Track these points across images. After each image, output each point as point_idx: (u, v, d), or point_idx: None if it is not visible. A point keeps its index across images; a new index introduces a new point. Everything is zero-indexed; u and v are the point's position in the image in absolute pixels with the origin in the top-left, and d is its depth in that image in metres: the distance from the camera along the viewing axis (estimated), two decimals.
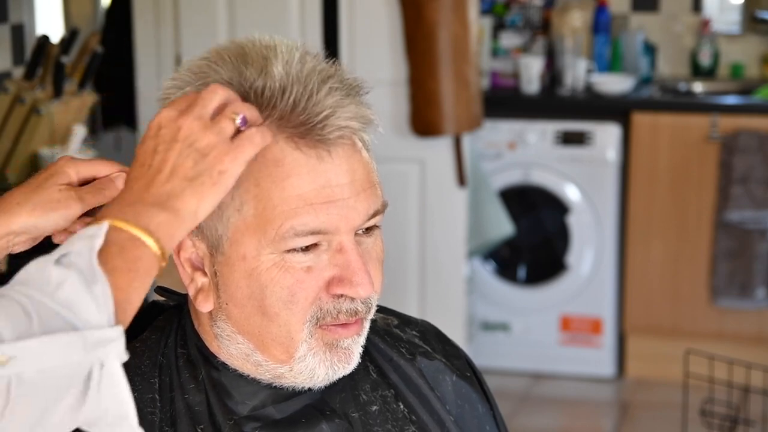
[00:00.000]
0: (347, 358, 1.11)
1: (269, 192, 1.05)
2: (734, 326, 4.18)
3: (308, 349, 1.09)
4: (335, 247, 1.07)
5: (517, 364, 4.38)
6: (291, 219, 1.04)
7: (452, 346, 1.30)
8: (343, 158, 1.07)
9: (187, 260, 1.10)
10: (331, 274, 1.07)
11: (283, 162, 1.04)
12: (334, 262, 1.07)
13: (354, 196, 1.07)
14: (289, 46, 1.09)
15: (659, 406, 4.05)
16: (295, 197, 1.04)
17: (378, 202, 1.10)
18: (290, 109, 1.05)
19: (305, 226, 1.05)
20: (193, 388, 1.12)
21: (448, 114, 3.64)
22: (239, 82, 1.05)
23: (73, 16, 4.42)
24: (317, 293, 1.07)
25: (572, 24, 4.52)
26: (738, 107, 4.17)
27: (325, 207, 1.05)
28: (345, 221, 1.06)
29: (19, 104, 3.04)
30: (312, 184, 1.05)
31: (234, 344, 1.11)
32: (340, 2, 3.73)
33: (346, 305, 1.09)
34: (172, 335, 1.16)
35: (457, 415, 1.24)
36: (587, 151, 4.22)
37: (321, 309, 1.08)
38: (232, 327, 1.10)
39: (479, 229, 4.01)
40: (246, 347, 1.10)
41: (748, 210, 4.03)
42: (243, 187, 1.04)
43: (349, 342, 1.11)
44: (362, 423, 1.16)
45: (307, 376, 1.11)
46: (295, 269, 1.06)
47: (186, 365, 1.13)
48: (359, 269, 1.07)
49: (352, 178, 1.07)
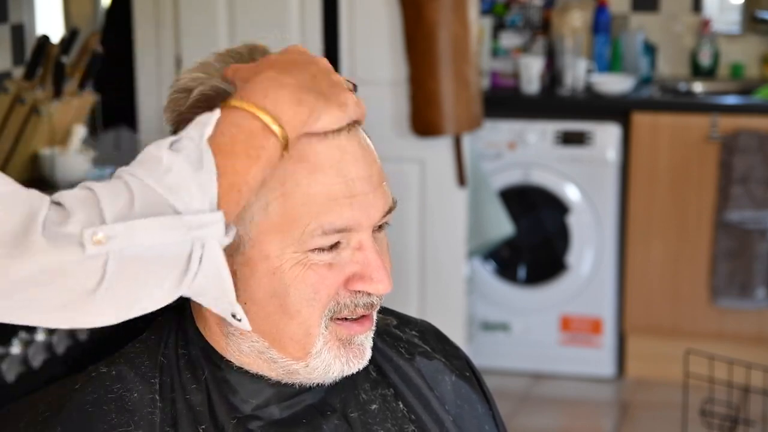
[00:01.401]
0: (361, 353, 1.12)
1: (294, 190, 1.05)
2: (734, 326, 4.18)
3: (324, 343, 1.09)
4: (354, 245, 1.08)
5: (517, 364, 4.38)
6: (318, 217, 1.05)
7: (452, 346, 1.31)
8: (359, 149, 1.08)
9: None
10: (352, 271, 1.08)
11: (307, 157, 1.05)
12: (354, 259, 1.08)
13: (372, 192, 1.08)
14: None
15: (659, 406, 4.05)
16: (320, 194, 1.05)
17: (390, 198, 1.11)
18: None
19: (332, 224, 1.05)
20: (195, 388, 1.12)
21: (448, 114, 3.64)
22: None
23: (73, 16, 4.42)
24: (337, 289, 1.08)
25: (572, 24, 4.52)
26: (738, 107, 4.17)
27: (348, 203, 1.06)
28: (366, 217, 1.07)
29: (19, 104, 3.04)
30: (335, 177, 1.06)
31: (247, 342, 1.10)
32: (340, 2, 3.73)
33: (363, 299, 1.10)
34: (172, 336, 1.16)
35: (456, 415, 1.24)
36: (587, 151, 4.22)
37: (338, 303, 1.09)
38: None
39: (479, 229, 4.01)
40: (261, 345, 1.10)
41: (748, 210, 4.03)
42: (269, 186, 1.05)
43: (362, 338, 1.12)
44: (361, 422, 1.16)
45: (322, 372, 1.11)
46: (318, 266, 1.07)
47: (187, 366, 1.13)
48: (379, 267, 1.08)
49: (369, 173, 1.08)
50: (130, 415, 1.07)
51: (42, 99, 3.04)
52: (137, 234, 0.90)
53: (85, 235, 0.88)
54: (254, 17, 3.72)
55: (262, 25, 3.72)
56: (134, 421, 1.08)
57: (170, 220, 0.91)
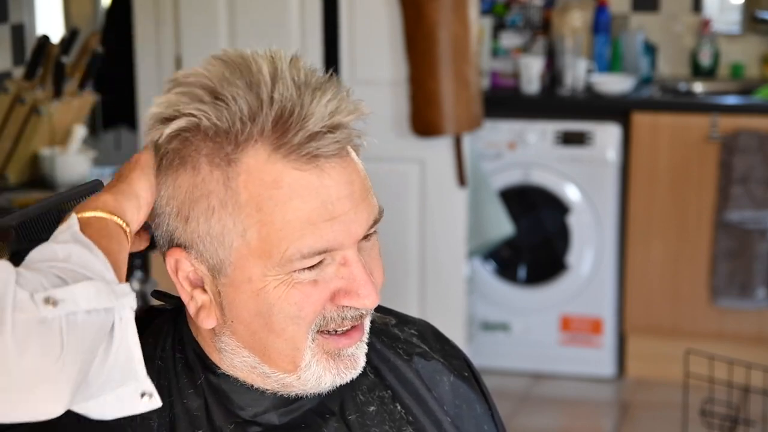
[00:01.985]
0: (353, 364, 1.11)
1: (272, 216, 1.04)
2: (734, 326, 4.18)
3: (312, 356, 1.09)
4: (339, 260, 1.07)
5: (517, 364, 4.38)
6: (296, 242, 1.04)
7: (451, 346, 1.30)
8: (340, 170, 1.06)
9: (185, 278, 1.10)
10: (337, 286, 1.07)
11: (282, 183, 1.04)
12: (339, 275, 1.07)
13: (354, 208, 1.06)
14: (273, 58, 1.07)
15: (659, 406, 4.05)
16: (297, 219, 1.04)
17: (375, 209, 1.09)
18: (282, 127, 1.04)
19: (311, 248, 1.04)
20: (192, 393, 1.12)
21: (448, 114, 3.64)
22: (227, 107, 1.04)
23: (73, 16, 4.42)
24: (323, 305, 1.07)
25: (572, 24, 4.52)
26: (738, 107, 4.17)
27: (328, 225, 1.04)
28: (348, 236, 1.06)
29: (19, 104, 3.04)
30: (313, 202, 1.04)
31: (239, 357, 1.10)
32: (340, 2, 3.73)
33: (351, 312, 1.09)
34: (169, 339, 1.15)
35: (455, 416, 1.24)
36: (587, 151, 4.22)
37: (325, 318, 1.08)
38: (236, 342, 1.10)
39: (479, 229, 4.01)
40: (252, 360, 1.10)
41: (748, 210, 4.03)
42: (245, 213, 1.04)
43: (352, 349, 1.11)
44: (359, 424, 1.16)
45: (315, 383, 1.11)
46: (302, 284, 1.06)
47: (184, 370, 1.13)
48: (365, 282, 1.07)
49: (350, 190, 1.06)
50: (127, 421, 1.06)
51: (42, 99, 3.04)
52: (84, 296, 0.90)
53: (35, 297, 0.87)
54: (254, 17, 3.72)
55: (262, 25, 3.72)
56: (131, 426, 1.08)
57: (103, 285, 0.92)
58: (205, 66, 1.08)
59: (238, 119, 1.03)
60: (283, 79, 1.05)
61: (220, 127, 1.04)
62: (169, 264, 1.09)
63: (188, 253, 1.08)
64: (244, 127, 1.03)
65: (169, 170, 1.07)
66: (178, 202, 1.07)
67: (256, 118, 1.03)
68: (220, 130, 1.04)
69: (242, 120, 1.03)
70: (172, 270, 1.09)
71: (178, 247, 1.08)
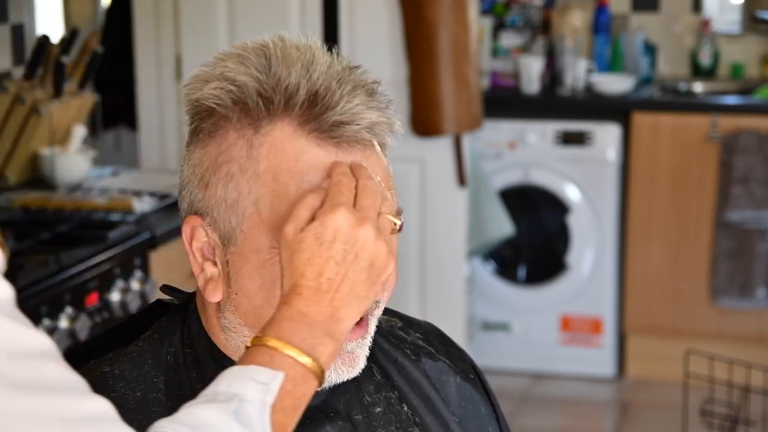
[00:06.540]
0: (351, 361, 1.10)
1: (286, 188, 1.04)
2: (734, 326, 4.18)
3: None
4: None
5: (517, 364, 4.38)
6: None
7: (456, 349, 1.30)
8: (361, 158, 1.07)
9: (198, 250, 1.10)
10: None
11: (301, 157, 1.05)
12: None
13: None
14: (312, 47, 1.10)
15: (659, 406, 4.05)
16: None
17: (393, 207, 1.08)
18: (314, 107, 1.05)
19: None
20: (201, 387, 1.11)
21: (448, 114, 3.64)
22: (265, 77, 1.06)
23: (73, 16, 4.42)
24: None
25: (572, 24, 4.52)
26: (738, 107, 4.17)
27: None
28: None
29: (19, 104, 3.04)
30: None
31: (240, 337, 1.10)
32: (340, 2, 3.73)
33: None
34: (177, 334, 1.15)
35: (461, 417, 1.24)
36: (587, 151, 4.22)
37: None
38: (239, 319, 1.09)
39: (479, 229, 4.01)
40: None
41: (748, 210, 4.03)
42: (261, 181, 1.05)
43: (353, 345, 1.10)
44: (366, 425, 1.15)
45: None
46: None
47: (193, 365, 1.13)
48: None
49: None
50: (134, 414, 1.06)
51: (42, 99, 3.04)
52: None
53: None
54: (254, 17, 3.72)
55: (262, 25, 3.72)
56: (138, 419, 1.07)
57: None
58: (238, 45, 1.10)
59: (281, 90, 1.05)
60: (319, 66, 1.08)
61: (262, 95, 1.05)
62: (185, 232, 1.10)
63: (204, 221, 1.08)
64: (280, 100, 1.05)
65: (200, 139, 1.09)
66: (202, 169, 1.08)
67: (297, 93, 1.05)
68: (261, 98, 1.05)
69: (283, 92, 1.05)
70: (188, 239, 1.10)
71: (196, 214, 1.09)
